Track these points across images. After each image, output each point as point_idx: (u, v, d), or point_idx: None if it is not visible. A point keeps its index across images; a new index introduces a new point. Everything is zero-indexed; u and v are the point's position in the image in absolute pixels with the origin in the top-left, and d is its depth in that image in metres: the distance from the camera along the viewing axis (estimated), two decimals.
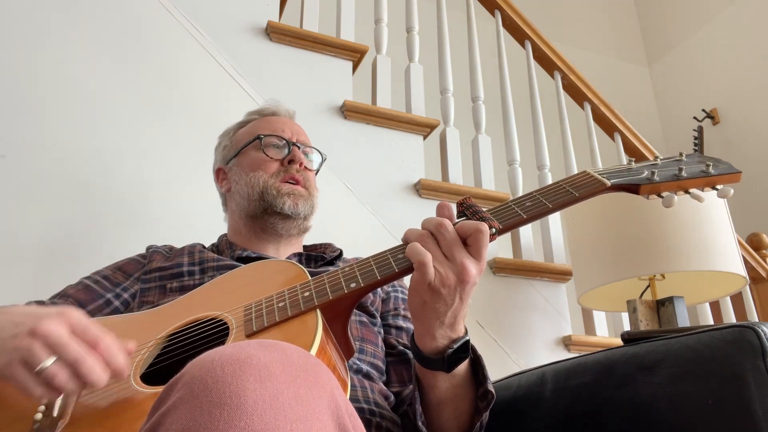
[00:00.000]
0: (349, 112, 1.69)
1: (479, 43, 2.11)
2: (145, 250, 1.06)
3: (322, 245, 1.12)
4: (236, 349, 0.46)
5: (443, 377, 0.73)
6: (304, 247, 1.12)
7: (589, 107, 2.26)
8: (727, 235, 1.53)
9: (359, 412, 0.72)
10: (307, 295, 0.69)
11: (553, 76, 2.26)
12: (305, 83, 1.68)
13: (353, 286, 0.68)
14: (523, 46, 2.24)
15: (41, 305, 0.90)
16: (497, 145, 2.01)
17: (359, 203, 1.61)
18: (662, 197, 0.75)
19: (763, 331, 0.64)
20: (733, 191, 0.73)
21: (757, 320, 0.90)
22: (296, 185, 1.05)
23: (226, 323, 0.71)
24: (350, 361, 0.84)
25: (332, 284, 0.69)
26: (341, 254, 1.08)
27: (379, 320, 0.97)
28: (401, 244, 0.71)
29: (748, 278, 1.60)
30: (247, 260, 0.99)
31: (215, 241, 1.12)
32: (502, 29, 2.19)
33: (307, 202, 1.05)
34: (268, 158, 1.06)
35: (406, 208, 1.67)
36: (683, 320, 1.53)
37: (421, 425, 0.76)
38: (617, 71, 4.49)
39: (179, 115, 1.49)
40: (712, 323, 1.77)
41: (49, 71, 1.39)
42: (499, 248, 1.79)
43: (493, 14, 2.21)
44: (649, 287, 1.62)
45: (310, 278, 0.73)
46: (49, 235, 1.28)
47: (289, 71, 1.67)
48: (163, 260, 1.00)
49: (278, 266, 0.81)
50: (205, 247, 1.07)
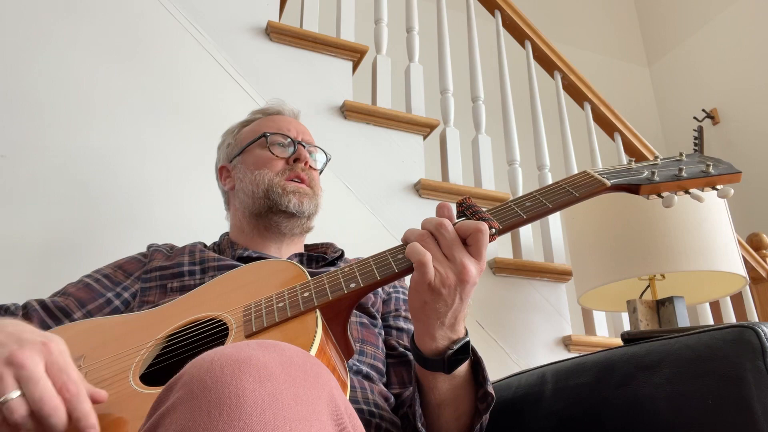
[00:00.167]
0: (349, 112, 1.69)
1: (479, 43, 2.11)
2: (146, 248, 1.06)
3: (323, 245, 1.12)
4: (235, 349, 0.46)
5: (443, 378, 0.73)
6: (305, 246, 1.12)
7: (589, 107, 2.26)
8: (727, 235, 1.53)
9: (359, 413, 0.72)
10: (306, 295, 0.69)
11: (553, 76, 2.26)
12: (305, 83, 1.68)
13: (353, 286, 0.68)
14: (523, 46, 2.24)
15: (41, 305, 0.91)
16: (497, 145, 2.01)
17: (359, 203, 1.61)
18: (662, 197, 0.75)
19: (763, 331, 0.64)
20: (733, 191, 0.73)
21: (757, 320, 0.89)
22: (301, 184, 1.04)
23: (225, 323, 0.71)
24: (350, 362, 0.84)
25: (332, 285, 0.69)
26: (343, 255, 1.07)
27: (379, 321, 0.97)
28: (401, 244, 0.71)
29: (748, 278, 1.60)
30: (248, 260, 0.98)
31: (216, 240, 1.12)
32: (502, 29, 2.19)
33: (312, 201, 1.05)
34: (273, 156, 1.06)
35: (406, 208, 1.67)
36: (683, 320, 1.53)
37: (420, 426, 0.75)
38: (617, 71, 4.49)
39: (179, 114, 1.49)
40: (712, 323, 1.77)
41: (49, 71, 1.39)
42: (499, 248, 1.79)
43: (493, 14, 2.21)
44: (649, 287, 1.62)
45: (309, 278, 0.73)
46: (49, 234, 1.28)
47: (289, 71, 1.67)
48: (164, 259, 1.00)
49: (278, 266, 0.80)
50: (206, 246, 1.07)
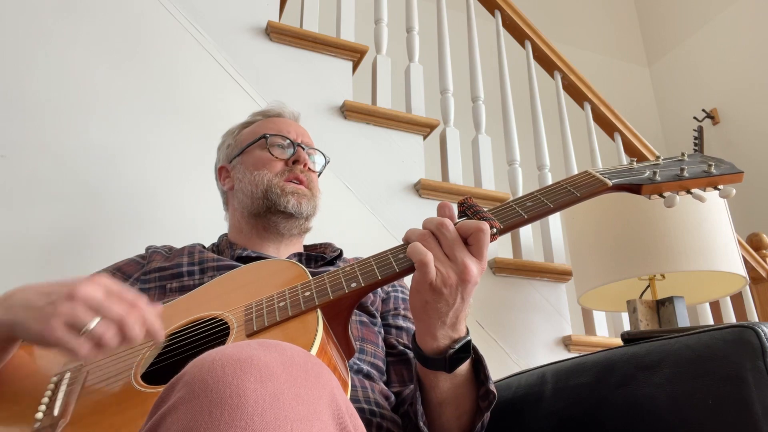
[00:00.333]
0: (349, 112, 1.69)
1: (479, 43, 2.11)
2: (144, 250, 1.06)
3: (322, 245, 1.12)
4: (237, 349, 0.46)
5: (444, 377, 0.73)
6: (304, 246, 1.13)
7: (589, 107, 2.26)
8: (727, 235, 1.53)
9: (360, 412, 0.72)
10: (307, 294, 0.69)
11: (553, 76, 2.26)
12: (305, 83, 1.68)
13: (354, 285, 0.68)
14: (523, 46, 2.24)
15: None
16: (497, 145, 2.01)
17: (359, 203, 1.61)
18: (664, 197, 0.75)
19: (763, 331, 0.64)
20: (735, 191, 0.73)
21: (757, 320, 0.89)
22: (300, 185, 1.05)
23: (226, 323, 0.71)
24: (351, 361, 0.84)
25: (333, 284, 0.69)
26: (341, 254, 1.08)
27: (379, 320, 0.97)
28: (402, 243, 0.71)
29: (748, 278, 1.60)
30: (247, 260, 0.98)
31: (215, 240, 1.12)
32: (502, 29, 2.19)
33: (310, 202, 1.05)
34: (272, 157, 1.06)
35: (406, 208, 1.67)
36: (683, 320, 1.53)
37: (422, 425, 0.75)
38: (617, 71, 4.49)
39: (179, 114, 1.49)
40: (712, 323, 1.77)
41: (49, 71, 1.39)
42: (499, 248, 1.79)
43: (493, 14, 2.21)
44: (649, 287, 1.62)
45: (310, 278, 0.73)
46: (49, 235, 1.28)
47: (289, 71, 1.67)
48: (162, 260, 1.00)
49: (279, 266, 0.81)
50: (205, 247, 1.07)
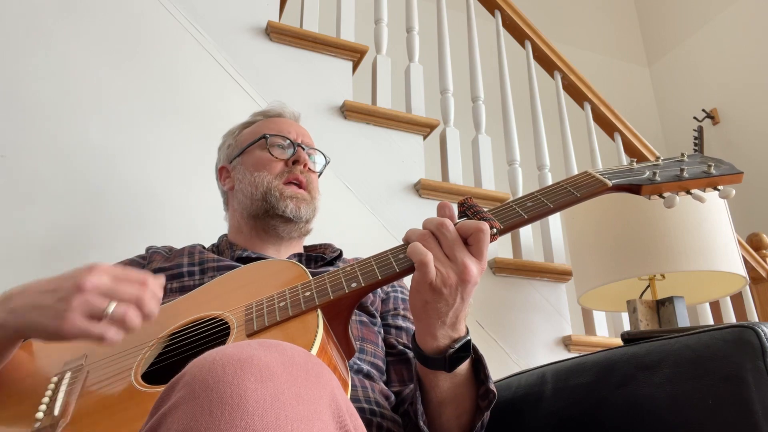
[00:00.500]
0: (349, 112, 1.69)
1: (479, 43, 2.11)
2: (144, 251, 1.06)
3: (321, 245, 1.12)
4: (237, 348, 0.46)
5: (444, 377, 0.73)
6: (304, 247, 1.13)
7: (589, 107, 2.26)
8: (727, 235, 1.53)
9: (360, 412, 0.72)
10: (308, 294, 0.69)
11: (553, 76, 2.26)
12: (305, 83, 1.68)
13: (354, 285, 0.68)
14: (523, 46, 2.24)
15: None
16: (497, 145, 2.01)
17: (359, 203, 1.61)
18: (664, 198, 0.75)
19: (763, 331, 0.64)
20: (734, 192, 0.73)
21: (757, 320, 0.90)
22: (299, 188, 1.05)
23: (227, 323, 0.71)
24: (351, 361, 0.84)
25: (333, 284, 0.69)
26: (341, 254, 1.08)
27: (379, 320, 0.97)
28: (402, 244, 0.71)
29: (748, 278, 1.60)
30: (247, 261, 0.99)
31: (215, 241, 1.12)
32: (502, 29, 2.19)
33: (309, 205, 1.05)
34: (272, 158, 1.06)
35: (406, 208, 1.67)
36: (683, 320, 1.53)
37: (422, 424, 0.76)
38: (617, 71, 4.49)
39: (179, 114, 1.49)
40: (712, 323, 1.77)
41: (49, 71, 1.39)
42: (499, 248, 1.79)
43: (493, 14, 2.21)
44: (649, 287, 1.62)
45: (310, 278, 0.73)
46: (48, 235, 1.28)
47: (289, 71, 1.67)
48: (162, 261, 1.00)
49: (279, 266, 0.81)
50: (205, 247, 1.07)
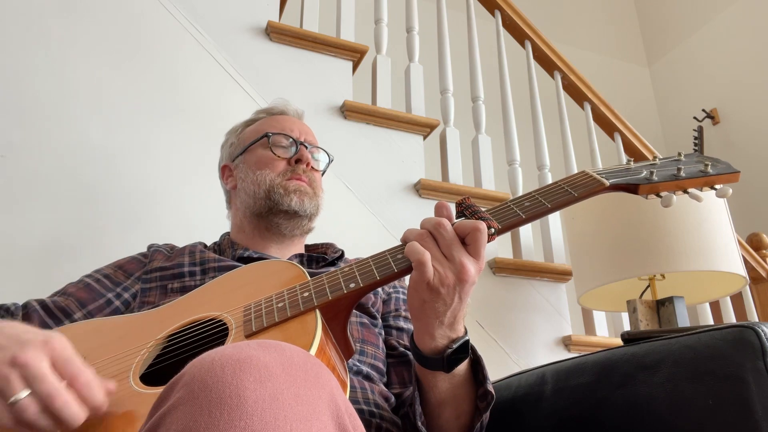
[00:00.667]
0: (349, 112, 1.69)
1: (479, 43, 2.11)
2: (146, 248, 1.06)
3: (323, 245, 1.12)
4: (236, 349, 0.46)
5: (443, 377, 0.73)
6: (305, 247, 1.12)
7: (589, 107, 2.26)
8: (727, 235, 1.53)
9: (359, 413, 0.72)
10: (306, 295, 0.69)
11: (553, 76, 2.26)
12: (305, 83, 1.68)
13: (352, 286, 0.68)
14: (523, 46, 2.24)
15: (42, 305, 0.91)
16: (497, 145, 2.01)
17: (359, 203, 1.61)
18: (661, 197, 0.75)
19: (763, 331, 0.64)
20: (731, 191, 0.73)
21: (757, 320, 0.89)
22: (302, 183, 1.04)
23: (225, 324, 0.71)
24: (350, 362, 0.84)
25: (331, 285, 0.69)
26: (343, 255, 1.07)
27: (380, 321, 0.97)
28: (400, 244, 0.71)
29: (748, 278, 1.60)
30: (248, 260, 0.98)
31: (217, 239, 1.12)
32: (502, 29, 2.19)
33: (312, 200, 1.05)
34: (275, 157, 1.06)
35: (406, 208, 1.67)
36: (683, 320, 1.53)
37: (420, 425, 0.75)
38: (617, 71, 4.49)
39: (179, 114, 1.49)
40: (712, 323, 1.77)
41: (49, 72, 1.39)
42: (499, 248, 1.79)
43: (493, 14, 2.21)
44: (649, 287, 1.62)
45: (309, 278, 0.73)
46: (49, 235, 1.28)
47: (289, 71, 1.67)
48: (164, 260, 1.00)
49: (278, 267, 0.81)
50: (206, 246, 1.07)
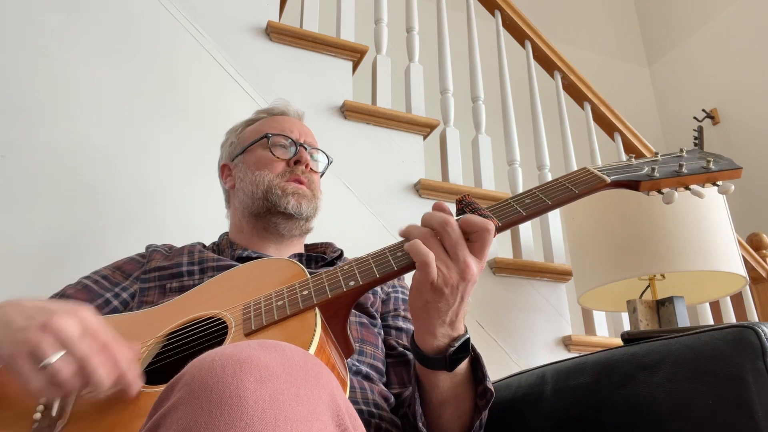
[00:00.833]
0: (349, 112, 1.69)
1: (479, 43, 2.11)
2: (144, 249, 1.06)
3: (322, 245, 1.12)
4: (236, 349, 0.46)
5: (444, 377, 0.73)
6: (304, 246, 1.12)
7: (589, 107, 2.26)
8: (727, 235, 1.53)
9: (359, 413, 0.71)
10: (305, 293, 0.69)
11: (553, 76, 2.26)
12: (305, 83, 1.68)
13: (352, 284, 0.68)
14: (523, 46, 2.24)
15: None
16: (497, 145, 2.01)
17: (359, 203, 1.61)
18: (662, 193, 0.75)
19: (763, 331, 0.64)
20: (733, 187, 0.73)
21: (757, 320, 0.89)
22: (301, 186, 1.04)
23: (224, 322, 0.71)
24: (350, 362, 0.84)
25: (331, 283, 0.69)
26: (342, 254, 1.07)
27: (379, 321, 0.97)
28: (400, 241, 0.71)
29: (748, 278, 1.60)
30: (247, 260, 0.98)
31: (216, 239, 1.12)
32: (502, 29, 2.19)
33: (310, 203, 1.05)
34: (274, 157, 1.06)
35: (406, 208, 1.67)
36: (683, 320, 1.53)
37: (421, 426, 0.75)
38: (617, 71, 4.49)
39: (179, 114, 1.49)
40: (712, 323, 1.77)
41: (49, 72, 1.39)
42: (499, 248, 1.79)
43: (493, 14, 2.21)
44: (649, 287, 1.62)
45: (308, 277, 0.73)
46: (49, 235, 1.28)
47: (289, 71, 1.67)
48: (162, 260, 1.00)
49: (277, 265, 0.80)
50: (205, 246, 1.07)
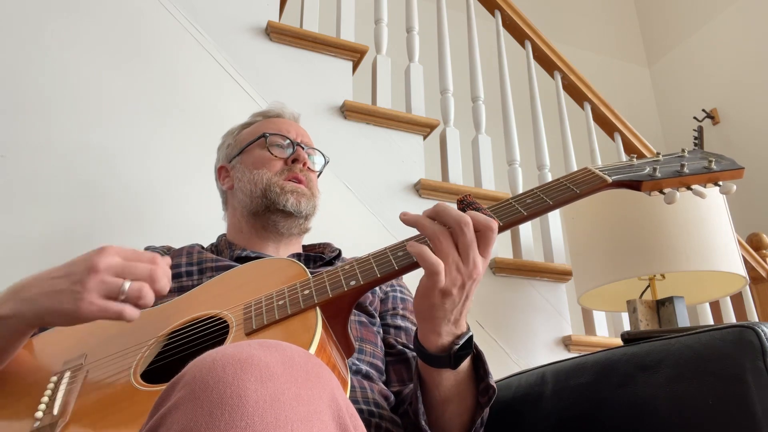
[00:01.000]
0: (349, 112, 1.69)
1: (479, 43, 2.11)
2: (143, 250, 1.06)
3: (320, 245, 1.12)
4: (237, 349, 0.46)
5: (448, 374, 0.73)
6: (303, 247, 1.13)
7: (589, 107, 2.26)
8: (727, 235, 1.53)
9: (359, 413, 0.72)
10: (306, 293, 0.69)
11: (553, 76, 2.26)
12: (305, 83, 1.68)
13: (353, 284, 0.68)
14: (523, 46, 2.24)
15: None
16: (497, 145, 2.01)
17: (359, 203, 1.61)
18: (664, 193, 0.75)
19: (763, 331, 0.64)
20: (735, 187, 0.73)
21: (757, 320, 0.89)
22: (299, 184, 1.05)
23: (225, 322, 0.71)
24: (350, 361, 0.84)
25: (332, 282, 0.69)
26: (340, 254, 1.08)
27: (378, 320, 0.97)
28: (401, 241, 0.71)
29: (748, 278, 1.60)
30: (246, 260, 0.98)
31: (215, 241, 1.12)
32: (502, 29, 2.19)
33: (309, 201, 1.05)
34: (272, 156, 1.06)
35: (406, 208, 1.67)
36: (683, 320, 1.53)
37: (423, 423, 0.75)
38: (617, 71, 4.49)
39: (179, 115, 1.48)
40: (712, 323, 1.77)
41: (49, 72, 1.39)
42: (499, 248, 1.79)
43: (493, 14, 2.21)
44: (649, 287, 1.62)
45: (310, 276, 0.73)
46: (49, 235, 1.28)
47: (289, 71, 1.67)
48: None
49: (278, 264, 0.81)
50: (203, 247, 1.07)
